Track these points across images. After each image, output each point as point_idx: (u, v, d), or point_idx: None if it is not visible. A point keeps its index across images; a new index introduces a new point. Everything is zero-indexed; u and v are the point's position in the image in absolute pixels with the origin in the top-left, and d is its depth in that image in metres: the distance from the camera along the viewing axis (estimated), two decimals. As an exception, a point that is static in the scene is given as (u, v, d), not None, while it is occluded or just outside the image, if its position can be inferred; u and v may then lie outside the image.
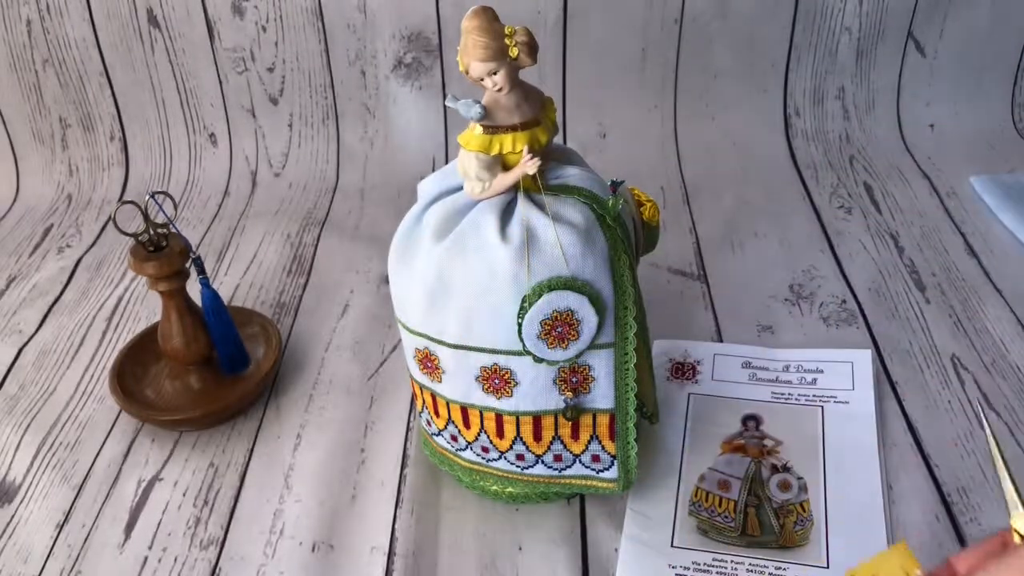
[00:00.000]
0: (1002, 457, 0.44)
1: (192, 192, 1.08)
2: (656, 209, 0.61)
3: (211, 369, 0.73)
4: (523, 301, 0.51)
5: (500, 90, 0.50)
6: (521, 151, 0.51)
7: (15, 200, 1.09)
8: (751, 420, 0.68)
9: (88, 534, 0.63)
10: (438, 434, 0.62)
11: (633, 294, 0.54)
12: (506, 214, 0.52)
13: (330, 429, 0.70)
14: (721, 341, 0.77)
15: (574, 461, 0.59)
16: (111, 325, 0.85)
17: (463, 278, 0.52)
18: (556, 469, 0.59)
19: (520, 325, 0.51)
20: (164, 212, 0.66)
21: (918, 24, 1.07)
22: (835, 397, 0.69)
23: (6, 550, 0.62)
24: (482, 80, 0.50)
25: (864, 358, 0.72)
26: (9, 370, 0.79)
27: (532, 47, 0.49)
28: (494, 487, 0.61)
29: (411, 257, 0.55)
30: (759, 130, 1.09)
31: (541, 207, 0.52)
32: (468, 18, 0.49)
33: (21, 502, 0.66)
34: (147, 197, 0.66)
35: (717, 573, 0.57)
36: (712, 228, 0.94)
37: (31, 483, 0.68)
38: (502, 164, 0.52)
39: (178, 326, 0.70)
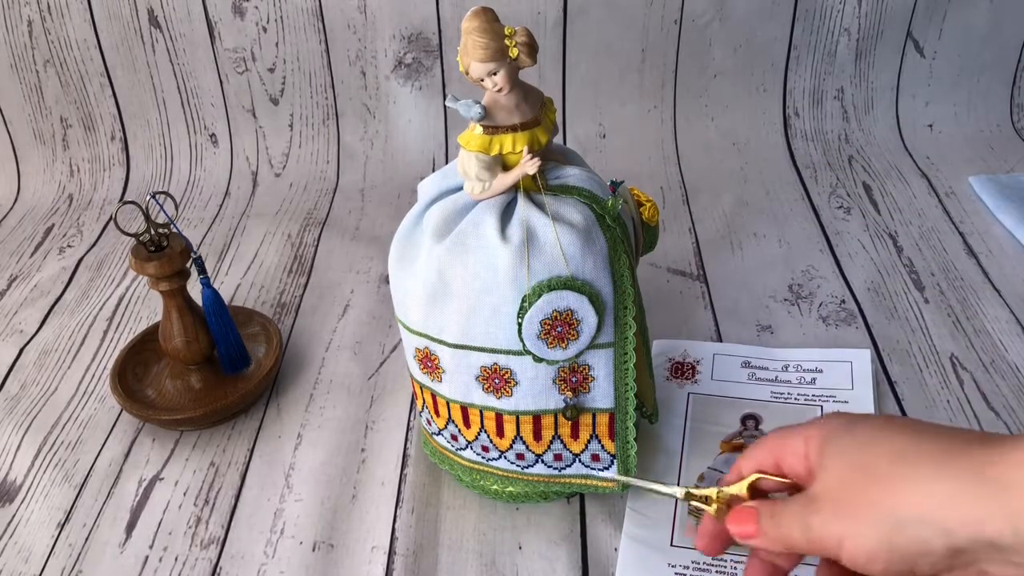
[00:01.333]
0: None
1: (193, 192, 1.08)
2: (656, 209, 0.61)
3: (212, 369, 0.74)
4: (523, 301, 0.51)
5: (500, 90, 0.50)
6: (521, 151, 0.52)
7: (16, 200, 1.09)
8: (750, 419, 0.68)
9: (89, 533, 0.63)
10: (438, 433, 0.62)
11: (632, 294, 0.54)
12: (506, 214, 0.53)
13: (331, 428, 0.71)
14: (720, 341, 0.77)
15: (574, 460, 0.59)
16: (112, 325, 0.85)
17: (463, 278, 0.52)
18: (556, 468, 0.60)
19: (520, 325, 0.52)
20: (165, 212, 0.66)
21: (917, 24, 1.07)
22: (834, 397, 0.69)
23: (7, 549, 0.62)
24: (482, 80, 0.50)
25: (863, 358, 0.73)
26: (10, 370, 0.80)
27: (532, 47, 0.49)
28: (494, 486, 0.62)
29: (411, 257, 0.55)
30: (758, 130, 1.10)
31: (541, 207, 0.52)
32: (468, 19, 0.49)
33: (22, 501, 0.66)
34: (148, 197, 0.66)
35: (716, 572, 0.57)
36: (711, 228, 0.94)
37: (32, 483, 0.68)
38: (502, 164, 0.53)
39: (179, 326, 0.70)
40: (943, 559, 0.34)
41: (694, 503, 0.45)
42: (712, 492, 0.44)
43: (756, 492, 0.43)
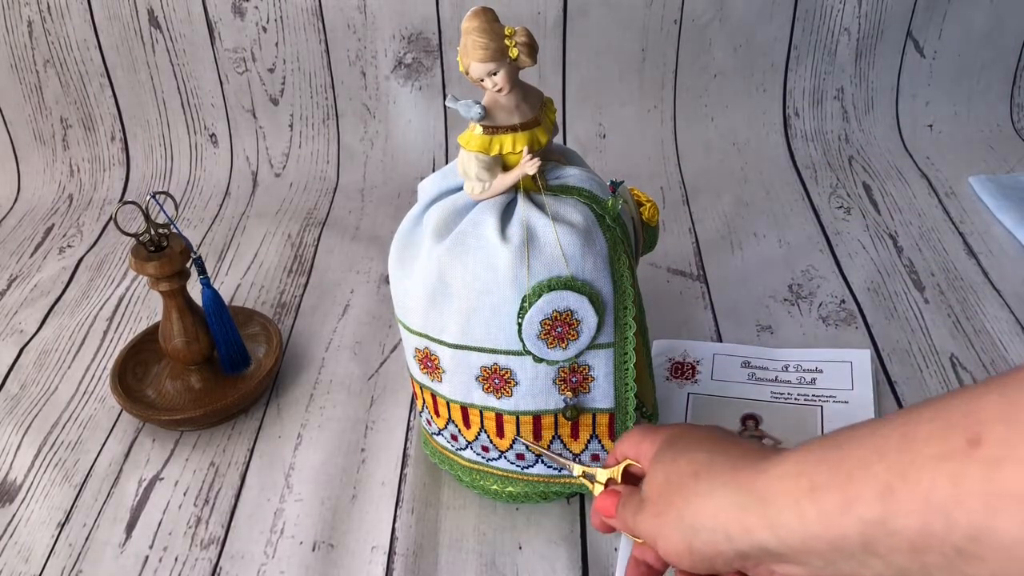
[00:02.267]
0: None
1: (193, 192, 1.08)
2: (655, 209, 0.61)
3: (212, 369, 0.74)
4: (523, 301, 0.51)
5: (500, 90, 0.50)
6: (521, 151, 0.52)
7: (16, 200, 1.09)
8: (750, 420, 0.68)
9: (89, 533, 0.63)
10: (438, 433, 0.62)
11: (632, 294, 0.54)
12: (506, 214, 0.53)
13: (331, 428, 0.71)
14: (720, 341, 0.77)
15: (574, 460, 0.59)
16: (112, 325, 0.85)
17: (463, 278, 0.52)
18: (556, 468, 0.60)
19: (520, 325, 0.52)
20: (165, 212, 0.66)
21: (917, 24, 1.07)
22: (834, 397, 0.69)
23: (7, 549, 0.63)
24: (482, 81, 0.50)
25: (863, 358, 0.73)
26: (10, 370, 0.80)
27: (532, 48, 0.49)
28: (494, 486, 0.62)
29: (411, 257, 0.55)
30: (758, 130, 1.10)
31: (541, 207, 0.52)
32: (468, 19, 0.49)
33: (22, 501, 0.66)
34: (148, 197, 0.66)
35: (716, 572, 0.57)
36: (711, 228, 0.94)
37: (32, 482, 0.68)
38: (502, 164, 0.53)
39: (179, 326, 0.70)
40: (734, 560, 0.39)
41: (583, 480, 0.52)
42: (597, 472, 0.51)
43: (629, 476, 0.49)
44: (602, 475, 0.50)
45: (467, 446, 0.60)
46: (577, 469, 0.53)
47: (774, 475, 0.37)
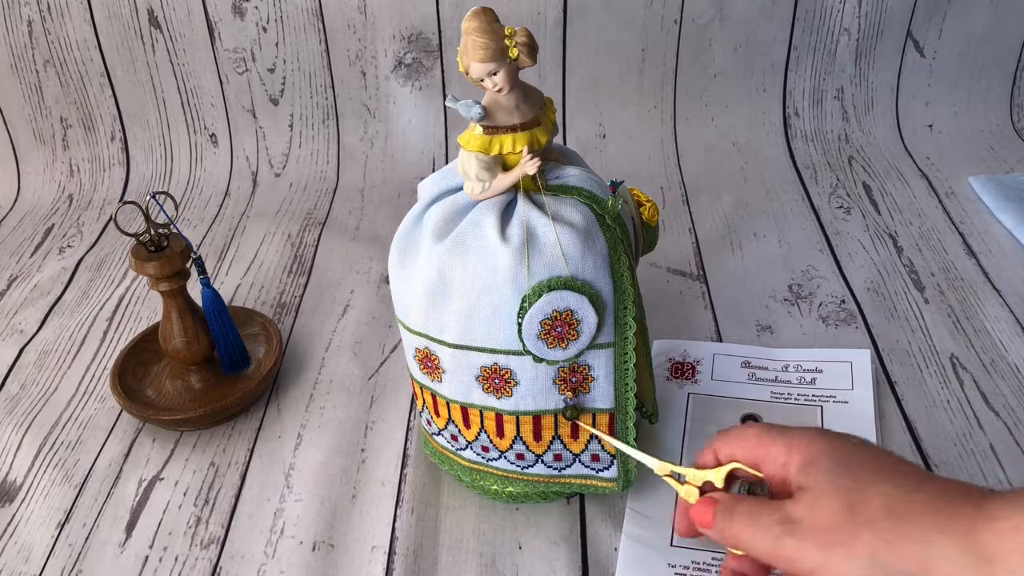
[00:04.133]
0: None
1: (193, 192, 1.08)
2: (655, 209, 0.61)
3: (212, 369, 0.74)
4: (523, 301, 0.51)
5: (500, 91, 0.50)
6: (521, 151, 0.52)
7: (16, 200, 1.09)
8: (750, 420, 0.68)
9: (89, 533, 0.63)
10: (438, 433, 0.62)
11: (632, 294, 0.54)
12: (506, 214, 0.53)
13: (331, 429, 0.71)
14: (720, 341, 0.77)
15: (574, 460, 0.59)
16: (112, 325, 0.85)
17: (463, 278, 0.52)
18: (556, 468, 0.60)
19: (520, 325, 0.52)
20: (165, 212, 0.66)
21: (917, 25, 1.08)
22: (834, 397, 0.69)
23: (7, 549, 0.63)
24: (482, 81, 0.50)
25: (863, 358, 0.73)
26: (10, 370, 0.80)
27: (532, 48, 0.49)
28: (494, 486, 0.62)
29: (411, 257, 0.55)
30: (758, 130, 1.10)
31: (541, 207, 0.52)
32: (468, 19, 0.49)
33: (22, 501, 0.66)
34: (148, 197, 0.66)
35: (716, 572, 0.57)
36: (711, 228, 0.94)
37: (32, 483, 0.68)
38: (502, 164, 0.53)
39: (179, 326, 0.70)
40: None
41: (668, 480, 0.47)
42: (687, 473, 0.46)
43: (727, 478, 0.45)
44: (695, 476, 0.45)
45: (467, 446, 0.60)
46: (660, 467, 0.48)
47: (1000, 528, 0.34)
